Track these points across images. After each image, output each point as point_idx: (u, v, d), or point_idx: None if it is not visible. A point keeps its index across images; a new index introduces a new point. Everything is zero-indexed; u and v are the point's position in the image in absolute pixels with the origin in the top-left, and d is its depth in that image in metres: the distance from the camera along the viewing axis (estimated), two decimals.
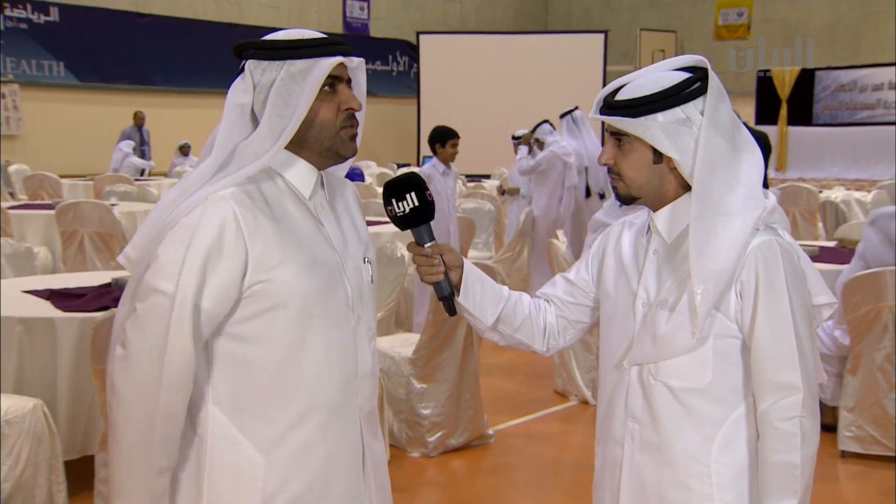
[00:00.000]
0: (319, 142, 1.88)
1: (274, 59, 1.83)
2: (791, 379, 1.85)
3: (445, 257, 2.00)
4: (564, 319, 2.16)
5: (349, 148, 1.91)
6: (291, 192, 1.89)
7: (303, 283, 1.82)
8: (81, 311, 3.98)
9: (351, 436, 1.93)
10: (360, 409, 1.94)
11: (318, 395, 1.86)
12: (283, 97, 1.82)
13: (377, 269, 2.05)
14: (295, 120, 1.82)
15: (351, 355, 1.91)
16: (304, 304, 1.83)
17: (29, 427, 3.45)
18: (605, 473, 2.07)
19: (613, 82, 1.97)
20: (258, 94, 1.85)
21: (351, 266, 1.93)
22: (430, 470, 4.51)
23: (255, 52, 1.85)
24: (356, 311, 1.92)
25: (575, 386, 5.53)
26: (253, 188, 1.83)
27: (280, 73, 1.83)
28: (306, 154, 1.90)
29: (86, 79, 15.77)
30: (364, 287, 1.96)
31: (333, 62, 1.84)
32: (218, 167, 1.83)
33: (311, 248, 1.86)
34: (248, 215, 1.79)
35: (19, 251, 5.59)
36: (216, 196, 1.79)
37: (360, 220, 2.04)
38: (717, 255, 1.83)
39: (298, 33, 1.87)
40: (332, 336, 1.87)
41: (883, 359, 4.50)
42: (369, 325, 1.97)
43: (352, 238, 1.97)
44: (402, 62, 20.86)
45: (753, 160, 1.91)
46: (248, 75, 1.85)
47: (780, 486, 1.87)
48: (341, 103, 1.88)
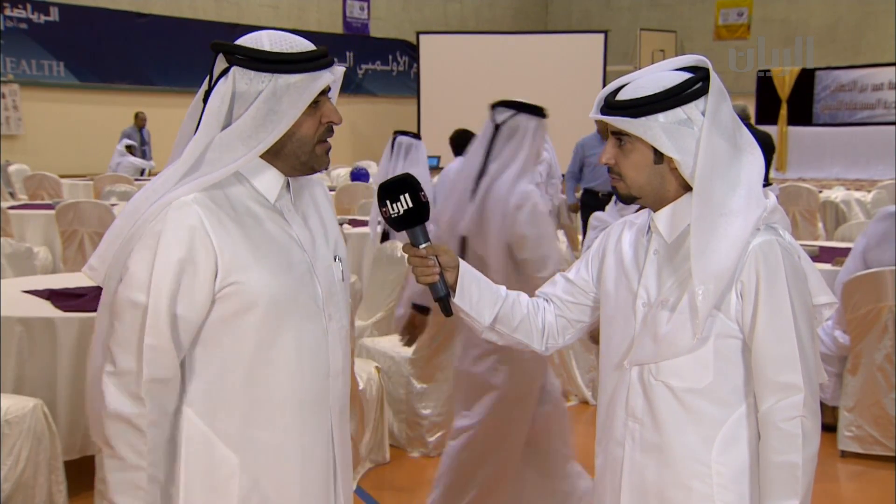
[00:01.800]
0: (295, 155, 1.86)
1: (263, 70, 1.80)
2: (792, 379, 1.85)
3: (441, 258, 2.00)
4: (564, 319, 2.16)
5: (323, 162, 1.91)
6: (257, 195, 1.88)
7: (272, 284, 1.82)
8: (81, 311, 3.97)
9: (323, 433, 1.94)
10: (331, 408, 1.95)
11: (290, 394, 1.87)
12: (268, 109, 1.79)
13: (377, 270, 2.05)
14: (276, 132, 1.80)
15: (322, 354, 1.91)
16: (274, 305, 1.82)
17: (29, 427, 3.45)
18: (605, 473, 2.07)
19: (614, 82, 1.97)
20: (239, 102, 1.81)
21: (321, 265, 1.93)
22: (430, 470, 4.50)
23: (242, 61, 1.80)
24: (327, 310, 1.92)
25: (575, 386, 5.53)
26: (217, 192, 1.82)
27: (268, 86, 1.79)
28: (278, 164, 1.88)
29: (86, 79, 15.77)
30: (335, 286, 1.96)
31: (325, 81, 1.83)
32: (184, 173, 1.81)
33: (279, 250, 1.86)
34: (213, 219, 1.78)
35: (19, 251, 5.60)
36: (179, 202, 1.77)
37: (329, 218, 2.03)
38: (717, 255, 1.83)
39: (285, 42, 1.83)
40: (304, 335, 1.87)
41: (883, 359, 4.50)
42: (341, 323, 1.97)
43: (320, 237, 1.96)
44: (402, 62, 20.85)
45: (754, 160, 1.91)
46: (231, 82, 1.81)
47: (782, 487, 1.86)
48: (323, 117, 1.86)
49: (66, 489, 3.59)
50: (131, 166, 13.75)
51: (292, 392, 1.87)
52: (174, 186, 1.80)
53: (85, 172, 13.62)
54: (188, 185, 1.79)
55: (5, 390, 3.72)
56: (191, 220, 1.76)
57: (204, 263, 1.77)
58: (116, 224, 1.85)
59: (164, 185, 1.81)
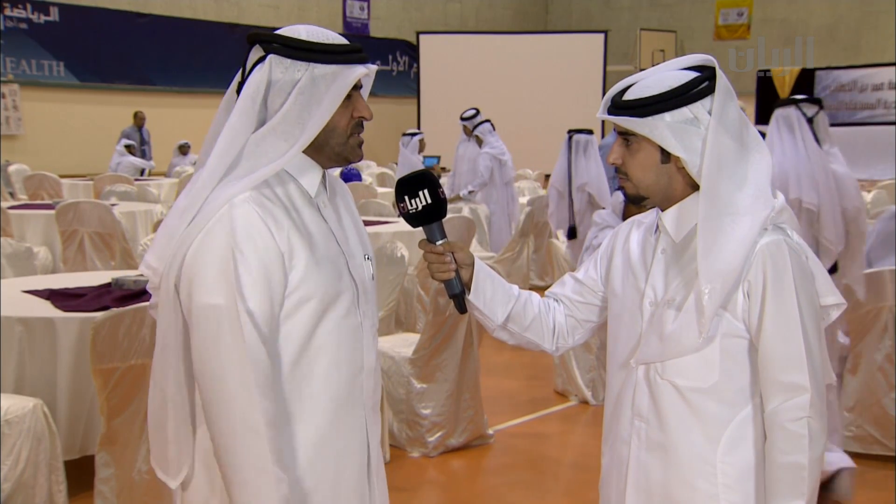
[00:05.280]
0: (331, 147, 1.87)
1: (300, 59, 1.81)
2: (799, 379, 1.85)
3: (457, 255, 2.00)
4: (573, 319, 2.16)
5: (357, 154, 1.92)
6: (301, 192, 1.88)
7: (321, 281, 1.83)
8: (81, 311, 3.97)
9: (358, 431, 1.94)
10: (365, 405, 1.95)
11: (328, 390, 1.86)
12: (306, 99, 1.80)
13: (377, 269, 2.05)
14: (316, 123, 1.80)
15: (357, 351, 1.92)
16: (321, 302, 1.83)
17: (29, 427, 3.45)
18: (611, 472, 2.07)
19: (621, 82, 1.97)
20: (275, 92, 1.82)
21: (355, 262, 1.94)
22: (430, 470, 4.51)
23: (280, 49, 1.82)
24: (361, 307, 1.93)
25: (575, 386, 5.53)
26: (267, 191, 1.82)
27: (305, 75, 1.81)
28: (317, 157, 1.89)
29: (86, 79, 15.77)
30: (367, 283, 1.97)
31: (361, 72, 1.84)
32: (228, 166, 1.80)
33: (323, 247, 1.86)
34: (269, 217, 1.78)
35: (19, 251, 5.60)
36: (237, 201, 1.77)
37: (358, 218, 2.05)
38: (724, 254, 1.83)
39: (321, 34, 1.85)
40: (342, 332, 1.88)
41: (883, 359, 4.50)
42: (373, 321, 1.98)
43: (353, 235, 1.98)
44: (402, 62, 20.86)
45: (762, 159, 1.90)
46: (268, 70, 1.81)
47: (788, 487, 1.86)
48: (354, 111, 1.88)
49: (66, 489, 3.58)
50: (131, 166, 13.75)
51: (330, 389, 1.86)
52: (221, 183, 1.79)
53: (85, 172, 13.62)
54: (240, 184, 1.78)
55: (5, 390, 3.72)
56: (252, 218, 1.76)
57: (275, 261, 1.77)
58: (169, 223, 1.83)
59: (210, 181, 1.80)
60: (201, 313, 1.75)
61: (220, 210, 1.76)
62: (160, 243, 1.84)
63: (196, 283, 1.76)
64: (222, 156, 1.80)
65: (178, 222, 1.81)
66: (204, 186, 1.80)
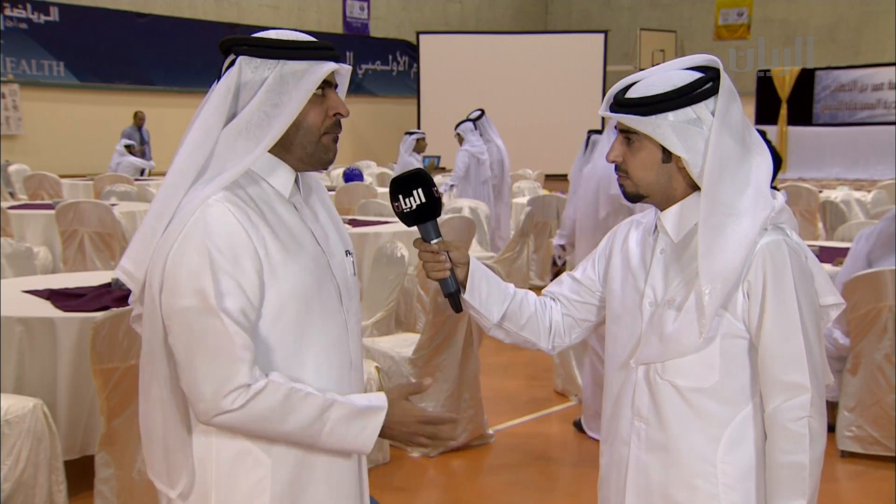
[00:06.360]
0: (302, 146, 1.85)
1: (268, 57, 1.80)
2: (799, 379, 1.85)
3: (452, 254, 2.00)
4: (570, 318, 2.16)
5: (330, 154, 1.89)
6: (273, 191, 1.86)
7: (302, 281, 1.82)
8: (81, 311, 3.97)
9: None
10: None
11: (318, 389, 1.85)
12: (274, 96, 1.79)
13: (377, 269, 2.05)
14: (283, 121, 1.79)
15: (344, 348, 1.92)
16: (305, 301, 1.82)
17: (29, 427, 3.45)
18: (610, 472, 2.07)
19: (624, 79, 1.97)
20: (244, 91, 1.81)
21: (335, 260, 1.93)
22: (430, 470, 4.51)
23: (248, 49, 1.81)
24: (345, 304, 1.92)
25: (575, 386, 5.53)
26: (238, 191, 1.80)
27: (273, 72, 1.80)
28: (288, 158, 1.87)
29: (86, 79, 15.77)
30: (349, 281, 1.96)
31: (330, 67, 1.83)
32: (200, 167, 1.79)
33: (302, 245, 1.85)
34: (244, 217, 1.77)
35: (19, 251, 5.59)
36: (210, 201, 1.75)
37: (335, 214, 2.03)
38: (725, 254, 1.83)
39: (291, 35, 1.85)
40: (328, 330, 1.87)
41: (883, 359, 4.50)
42: (357, 317, 1.98)
43: (332, 233, 1.97)
44: (402, 62, 20.85)
45: (763, 161, 1.90)
46: (237, 71, 1.81)
47: (789, 487, 1.87)
48: (329, 108, 1.86)
49: (66, 489, 3.59)
50: (131, 166, 13.75)
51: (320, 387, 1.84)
52: (193, 185, 1.79)
53: (85, 172, 13.62)
54: (211, 186, 1.77)
55: (5, 390, 3.72)
56: (229, 219, 1.75)
57: (251, 262, 1.75)
58: (146, 226, 1.82)
59: (183, 182, 1.79)
60: (183, 316, 1.74)
61: (195, 213, 1.75)
62: (136, 248, 1.82)
63: (177, 287, 1.74)
64: (192, 154, 1.79)
65: (154, 226, 1.79)
66: (176, 189, 1.79)
